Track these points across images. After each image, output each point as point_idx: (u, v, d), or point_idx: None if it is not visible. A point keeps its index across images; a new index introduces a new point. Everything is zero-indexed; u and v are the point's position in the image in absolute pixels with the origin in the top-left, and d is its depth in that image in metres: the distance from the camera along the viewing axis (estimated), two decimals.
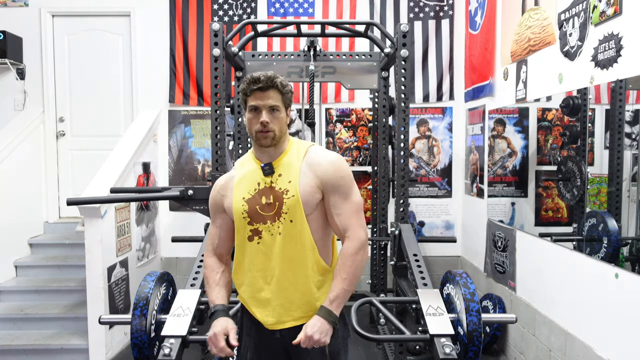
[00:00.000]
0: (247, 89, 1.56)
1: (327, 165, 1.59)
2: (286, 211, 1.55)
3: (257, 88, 1.54)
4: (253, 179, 1.61)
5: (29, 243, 4.32)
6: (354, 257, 1.56)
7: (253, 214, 1.58)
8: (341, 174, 1.59)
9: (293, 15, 4.65)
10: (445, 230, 4.78)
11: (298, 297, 1.58)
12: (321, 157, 1.61)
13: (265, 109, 1.55)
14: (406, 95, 2.94)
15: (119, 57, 4.77)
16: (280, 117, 1.58)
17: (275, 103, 1.56)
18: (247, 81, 1.56)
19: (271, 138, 1.56)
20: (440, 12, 4.62)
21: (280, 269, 1.57)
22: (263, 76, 1.54)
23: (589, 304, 2.48)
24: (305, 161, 1.60)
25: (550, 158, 3.03)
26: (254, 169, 1.62)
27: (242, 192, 1.61)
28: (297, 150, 1.63)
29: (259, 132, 1.55)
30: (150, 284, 1.99)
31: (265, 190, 1.59)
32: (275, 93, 1.56)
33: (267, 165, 1.59)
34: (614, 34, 2.24)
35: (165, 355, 1.78)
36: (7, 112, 4.65)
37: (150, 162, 4.46)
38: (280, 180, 1.58)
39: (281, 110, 1.58)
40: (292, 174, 1.58)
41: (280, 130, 1.58)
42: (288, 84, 1.61)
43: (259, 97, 1.54)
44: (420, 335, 1.92)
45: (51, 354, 3.55)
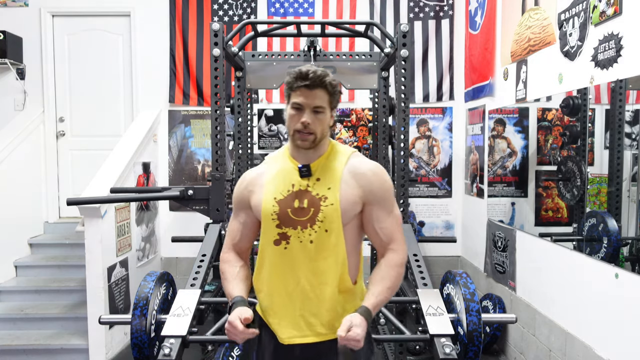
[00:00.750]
0: (292, 83, 1.43)
1: (373, 177, 1.49)
2: (322, 219, 1.43)
3: (304, 85, 1.40)
4: (287, 178, 1.48)
5: (29, 243, 4.32)
6: (399, 269, 1.47)
7: (284, 217, 1.45)
8: (386, 186, 1.50)
9: (293, 15, 4.65)
10: (445, 230, 4.78)
11: (322, 312, 1.46)
12: (366, 167, 1.50)
13: (308, 109, 1.42)
14: (406, 95, 2.94)
15: (119, 57, 4.77)
16: (324, 119, 1.45)
17: (320, 104, 1.43)
18: (294, 75, 1.43)
19: (311, 141, 1.44)
20: (440, 12, 4.62)
21: (307, 279, 1.45)
22: (312, 73, 1.40)
23: (589, 304, 2.48)
24: (347, 168, 1.48)
25: (550, 158, 3.03)
26: (289, 168, 1.50)
27: (273, 192, 1.48)
28: (339, 155, 1.51)
29: (298, 132, 1.43)
30: (150, 284, 1.99)
31: (300, 193, 1.46)
32: (322, 93, 1.43)
33: (305, 167, 1.46)
34: (614, 34, 2.24)
35: (165, 355, 1.78)
36: (7, 112, 4.65)
37: (150, 162, 4.46)
38: (319, 185, 1.46)
39: (326, 111, 1.45)
40: (332, 180, 1.46)
41: (321, 132, 1.45)
42: (337, 83, 1.48)
43: (304, 95, 1.41)
44: (420, 335, 1.92)
45: (51, 354, 3.55)
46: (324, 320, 1.46)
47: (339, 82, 1.48)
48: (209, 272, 2.51)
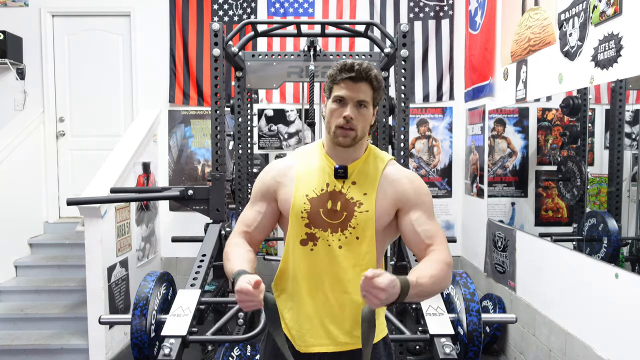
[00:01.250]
0: (336, 75, 1.35)
1: (408, 182, 1.41)
2: (354, 226, 1.36)
3: (349, 77, 1.33)
4: (321, 177, 1.40)
5: (29, 243, 4.32)
6: (445, 266, 1.31)
7: (314, 217, 1.37)
8: (423, 191, 1.42)
9: (293, 15, 4.65)
10: (445, 230, 4.78)
11: (344, 322, 1.38)
12: (403, 174, 1.43)
13: (352, 103, 1.34)
14: (406, 95, 2.94)
15: (119, 57, 4.77)
16: (367, 115, 1.37)
17: (365, 98, 1.35)
18: (337, 67, 1.36)
19: (352, 138, 1.35)
20: (440, 12, 4.62)
21: (330, 285, 1.37)
22: (357, 65, 1.33)
23: (589, 304, 2.48)
24: (385, 175, 1.41)
25: (550, 158, 3.03)
26: (323, 166, 1.41)
27: (305, 188, 1.39)
28: (377, 160, 1.43)
29: (340, 127, 1.35)
30: (150, 284, 1.99)
31: (333, 194, 1.38)
32: (367, 87, 1.35)
33: (342, 169, 1.38)
34: (614, 34, 2.24)
35: (165, 355, 1.78)
36: (7, 112, 4.65)
37: (150, 162, 4.46)
38: (354, 189, 1.38)
39: (369, 107, 1.37)
40: (368, 185, 1.38)
41: (362, 130, 1.37)
42: (382, 79, 1.40)
43: (348, 88, 1.34)
44: (420, 335, 1.92)
45: (51, 354, 3.55)
46: (345, 329, 1.38)
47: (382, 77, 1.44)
48: (209, 272, 2.51)
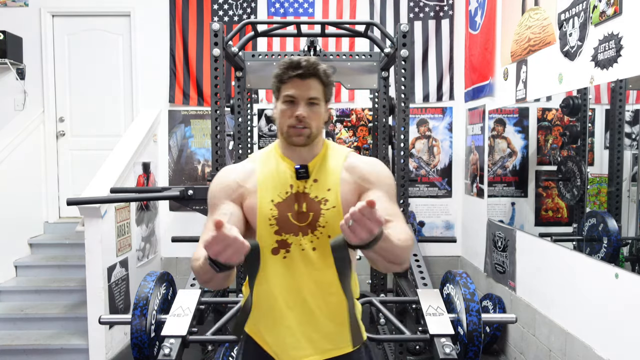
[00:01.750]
0: (283, 74, 1.29)
1: (368, 167, 1.37)
2: (324, 224, 1.31)
3: (297, 75, 1.28)
4: (283, 180, 1.35)
5: (29, 243, 4.32)
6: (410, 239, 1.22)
7: (283, 223, 1.32)
8: (386, 174, 1.37)
9: (293, 15, 4.65)
10: (445, 230, 4.77)
11: (330, 327, 1.34)
12: (362, 161, 1.39)
13: (303, 101, 1.29)
14: (406, 95, 2.94)
15: (119, 58, 4.77)
16: (319, 113, 1.32)
17: (315, 95, 1.30)
18: (284, 65, 1.30)
19: (306, 136, 1.31)
20: (440, 12, 4.62)
21: (310, 291, 1.32)
22: (304, 61, 1.28)
23: (589, 304, 2.48)
24: (345, 167, 1.36)
25: (550, 158, 3.02)
26: (283, 169, 1.36)
27: (270, 194, 1.33)
28: (336, 154, 1.39)
29: (292, 127, 1.30)
30: (150, 284, 1.99)
31: (298, 196, 1.33)
32: (317, 83, 1.30)
33: (303, 168, 1.33)
34: (614, 34, 2.24)
35: (165, 355, 1.78)
36: (7, 112, 4.65)
37: (150, 162, 4.46)
38: (316, 187, 1.34)
39: (321, 104, 1.32)
40: (331, 180, 1.34)
41: (317, 127, 1.32)
42: (331, 73, 1.35)
43: (297, 86, 1.28)
44: (420, 335, 1.92)
45: (51, 354, 3.55)
46: (329, 335, 1.34)
47: (332, 71, 1.36)
48: None
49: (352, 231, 0.98)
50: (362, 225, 0.97)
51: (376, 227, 0.98)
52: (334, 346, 1.35)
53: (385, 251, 1.10)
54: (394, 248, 1.11)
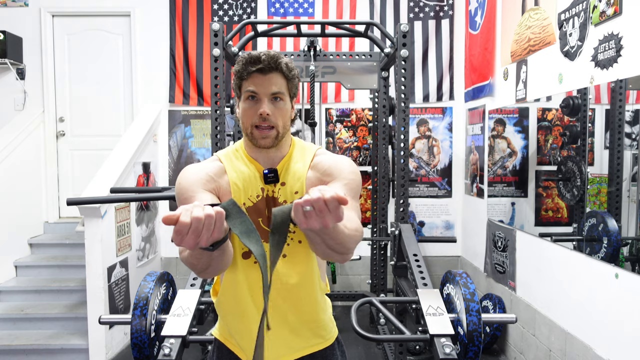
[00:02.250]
0: (243, 70, 1.22)
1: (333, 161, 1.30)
2: (293, 230, 1.26)
3: (257, 69, 1.20)
4: (253, 183, 1.28)
5: (29, 243, 4.32)
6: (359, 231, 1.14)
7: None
8: (351, 169, 1.28)
9: (293, 15, 4.65)
10: (445, 230, 4.77)
11: (303, 327, 1.34)
12: (330, 159, 1.31)
13: (266, 97, 1.22)
14: (406, 95, 2.94)
15: (119, 57, 4.78)
16: (284, 109, 1.25)
17: (279, 89, 1.22)
18: (243, 61, 1.22)
19: (273, 137, 1.23)
20: (440, 12, 4.62)
21: (282, 295, 1.29)
22: (264, 55, 1.20)
23: (589, 304, 2.48)
24: (311, 166, 1.30)
25: (550, 158, 3.02)
26: (252, 171, 1.28)
27: (241, 197, 1.26)
28: (302, 154, 1.32)
29: (257, 128, 1.23)
30: (150, 284, 1.99)
31: (268, 200, 1.27)
32: (279, 77, 1.23)
33: (272, 173, 1.26)
34: (614, 34, 2.24)
35: (165, 355, 1.78)
36: (7, 112, 4.65)
37: (150, 162, 4.46)
38: (284, 190, 1.27)
39: (286, 99, 1.25)
40: (298, 183, 1.27)
41: (283, 126, 1.25)
42: (295, 67, 1.27)
43: (258, 82, 1.21)
44: (420, 335, 1.92)
45: (51, 354, 3.55)
46: (302, 333, 1.34)
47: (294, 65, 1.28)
48: None
49: (306, 217, 0.84)
50: (320, 217, 0.84)
51: (333, 223, 0.86)
52: (307, 344, 1.35)
53: (327, 235, 0.98)
54: (339, 234, 1.00)
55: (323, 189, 0.85)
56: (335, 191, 0.84)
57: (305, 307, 1.32)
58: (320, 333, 1.37)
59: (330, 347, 1.41)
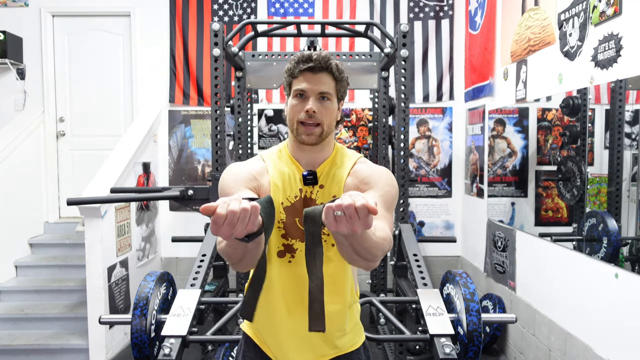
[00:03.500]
0: (294, 68, 1.26)
1: (373, 171, 1.31)
2: (328, 232, 1.25)
3: (307, 68, 1.23)
4: (293, 183, 1.30)
5: (29, 243, 4.32)
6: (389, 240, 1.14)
7: (290, 227, 1.28)
8: (389, 181, 1.30)
9: (293, 15, 4.65)
10: (445, 230, 4.78)
11: (330, 331, 1.31)
12: (370, 169, 1.32)
13: (314, 95, 1.24)
14: (406, 95, 2.94)
15: (119, 57, 4.78)
16: (331, 109, 1.26)
17: (327, 90, 1.25)
18: (295, 59, 1.26)
19: (317, 135, 1.25)
20: (440, 12, 4.62)
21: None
22: (316, 55, 1.24)
23: (589, 304, 2.48)
24: (352, 173, 1.30)
25: (550, 158, 3.03)
26: (292, 171, 1.31)
27: (280, 196, 1.28)
28: (343, 159, 1.33)
29: (302, 123, 1.24)
30: (150, 284, 1.99)
31: (306, 201, 1.29)
32: (328, 78, 1.25)
33: (311, 175, 1.26)
34: (614, 34, 2.24)
35: (165, 355, 1.78)
36: (7, 112, 4.65)
37: (150, 162, 4.46)
38: (322, 193, 1.29)
39: (333, 99, 1.27)
40: (336, 187, 1.28)
41: (328, 125, 1.27)
42: (344, 70, 1.30)
43: (308, 80, 1.24)
44: (420, 335, 1.92)
45: (51, 354, 3.55)
46: (329, 339, 1.33)
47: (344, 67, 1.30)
48: (209, 272, 2.51)
49: (336, 221, 0.88)
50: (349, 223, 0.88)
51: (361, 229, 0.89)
52: (334, 349, 1.35)
53: (355, 240, 1.00)
54: (366, 240, 1.02)
55: (355, 195, 0.88)
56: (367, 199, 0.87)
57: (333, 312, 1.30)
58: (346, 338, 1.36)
59: (356, 351, 1.40)
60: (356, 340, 1.41)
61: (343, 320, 1.34)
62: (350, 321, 1.38)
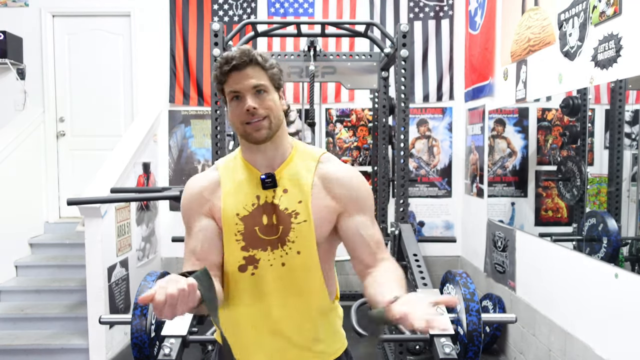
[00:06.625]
0: (219, 73, 1.19)
1: (352, 183, 1.25)
2: (293, 240, 1.21)
3: (232, 68, 1.16)
4: (249, 190, 1.23)
5: (29, 243, 4.32)
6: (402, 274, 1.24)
7: (250, 237, 1.22)
8: (367, 192, 1.28)
9: (293, 15, 4.65)
10: (445, 230, 4.78)
11: (302, 343, 1.26)
12: (342, 172, 1.26)
13: (248, 93, 1.17)
14: (406, 95, 2.95)
15: (119, 57, 4.78)
16: (271, 100, 1.19)
17: (259, 82, 1.18)
18: (218, 64, 1.19)
19: (266, 128, 1.18)
20: (440, 12, 4.62)
21: (279, 308, 1.23)
22: (236, 52, 1.17)
23: (589, 304, 2.48)
24: (318, 175, 1.24)
25: (550, 158, 3.03)
26: (248, 177, 1.24)
27: (234, 206, 1.22)
28: (305, 158, 1.26)
29: (247, 123, 1.17)
30: (151, 284, 1.99)
31: (266, 207, 1.22)
32: (257, 70, 1.18)
33: (270, 178, 1.21)
34: (614, 34, 2.24)
35: (165, 355, 1.78)
36: (7, 112, 4.65)
37: (150, 162, 4.47)
38: (286, 198, 1.22)
39: (270, 90, 1.19)
40: (302, 191, 1.22)
41: (276, 117, 1.20)
42: (271, 58, 1.23)
43: (237, 80, 1.17)
44: (420, 335, 1.92)
45: (51, 354, 3.55)
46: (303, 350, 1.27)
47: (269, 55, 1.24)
48: None
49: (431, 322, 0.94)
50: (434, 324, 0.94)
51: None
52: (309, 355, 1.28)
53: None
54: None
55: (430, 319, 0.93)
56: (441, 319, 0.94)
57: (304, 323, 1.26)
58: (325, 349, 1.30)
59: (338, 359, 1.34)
60: (337, 348, 1.34)
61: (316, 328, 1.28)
62: (326, 329, 1.31)
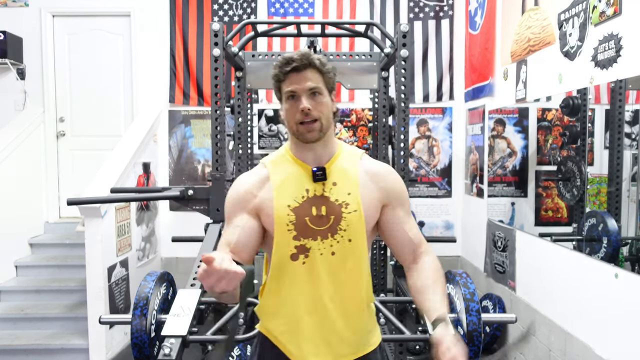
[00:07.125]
0: (279, 73, 1.28)
1: (391, 177, 1.39)
2: (345, 228, 1.29)
3: (292, 69, 1.25)
4: (299, 183, 1.31)
5: (29, 243, 4.32)
6: (443, 275, 1.40)
7: (301, 227, 1.29)
8: (404, 188, 1.42)
9: (293, 15, 4.65)
10: (445, 230, 4.78)
11: (348, 333, 1.32)
12: (382, 168, 1.40)
13: (304, 94, 1.26)
14: (406, 95, 2.94)
15: (119, 57, 4.78)
16: (325, 102, 1.28)
17: (315, 84, 1.27)
18: (278, 64, 1.28)
19: (318, 130, 1.27)
20: (440, 12, 4.62)
21: (329, 296, 1.30)
22: (297, 54, 1.26)
23: (588, 304, 2.48)
24: (363, 170, 1.35)
25: (550, 158, 3.03)
26: (298, 171, 1.33)
27: (286, 199, 1.30)
28: (350, 155, 1.37)
29: (301, 123, 1.26)
30: (150, 284, 2.00)
31: (316, 199, 1.30)
32: (314, 73, 1.27)
33: (320, 170, 1.30)
34: (614, 34, 2.24)
35: (165, 355, 1.78)
36: (7, 112, 4.65)
37: (150, 162, 4.47)
38: (336, 190, 1.31)
39: (324, 93, 1.29)
40: (350, 183, 1.32)
41: (327, 119, 1.29)
42: (328, 63, 1.31)
43: (295, 80, 1.26)
44: (420, 335, 1.92)
45: (51, 354, 3.55)
46: (348, 340, 1.33)
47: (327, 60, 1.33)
48: None
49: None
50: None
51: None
52: (352, 350, 1.34)
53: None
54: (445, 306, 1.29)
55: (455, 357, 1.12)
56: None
57: (352, 311, 1.33)
58: (364, 339, 1.37)
59: (374, 352, 1.39)
60: (375, 340, 1.40)
61: (362, 318, 1.35)
62: (369, 320, 1.39)
